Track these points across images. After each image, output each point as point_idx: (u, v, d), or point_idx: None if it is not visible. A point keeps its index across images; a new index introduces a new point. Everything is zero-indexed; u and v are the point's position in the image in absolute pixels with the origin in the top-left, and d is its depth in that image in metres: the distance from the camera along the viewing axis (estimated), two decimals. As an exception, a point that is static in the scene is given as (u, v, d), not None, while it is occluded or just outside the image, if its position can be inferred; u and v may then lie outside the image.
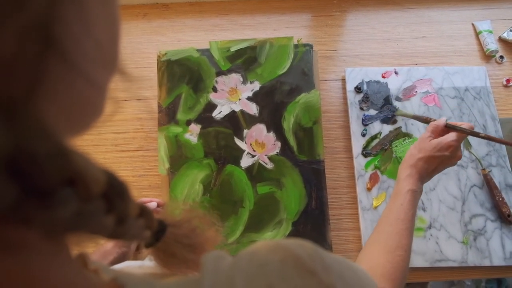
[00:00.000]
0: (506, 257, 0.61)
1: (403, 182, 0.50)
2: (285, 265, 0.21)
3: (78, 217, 0.15)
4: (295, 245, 0.22)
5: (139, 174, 0.68)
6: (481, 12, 0.80)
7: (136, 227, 0.22)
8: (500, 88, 0.74)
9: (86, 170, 0.15)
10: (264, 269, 0.20)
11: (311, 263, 0.21)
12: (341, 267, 0.23)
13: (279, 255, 0.21)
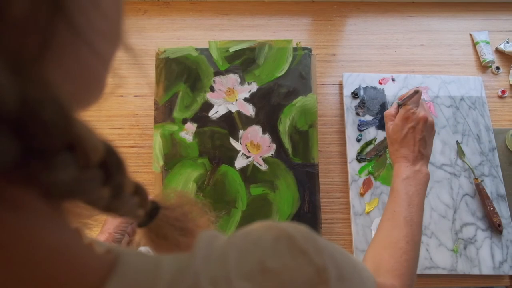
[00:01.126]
0: (495, 267, 0.61)
1: (394, 178, 0.50)
2: (278, 243, 0.21)
3: (76, 184, 0.16)
4: (290, 226, 0.23)
5: (132, 171, 0.68)
6: (479, 22, 0.81)
7: (131, 203, 0.23)
8: (495, 98, 0.74)
9: (87, 137, 0.15)
10: (257, 245, 0.21)
11: (303, 243, 0.21)
12: (334, 251, 0.23)
13: (273, 233, 0.22)
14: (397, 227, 0.45)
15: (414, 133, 0.51)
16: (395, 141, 0.52)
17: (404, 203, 0.46)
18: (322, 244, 0.22)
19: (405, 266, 0.42)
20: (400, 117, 0.52)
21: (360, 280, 0.25)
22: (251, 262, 0.20)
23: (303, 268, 0.20)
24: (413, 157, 0.50)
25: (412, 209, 0.46)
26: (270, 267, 0.20)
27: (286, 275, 0.20)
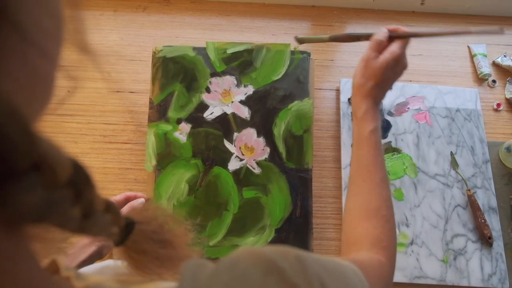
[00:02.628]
0: (484, 279, 0.61)
1: (363, 123, 0.44)
2: (267, 279, 0.20)
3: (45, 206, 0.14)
4: (278, 255, 0.22)
5: (125, 167, 0.67)
6: (477, 35, 0.81)
7: (103, 221, 0.22)
8: (490, 111, 0.75)
9: (52, 154, 0.14)
10: (244, 281, 0.20)
11: (294, 276, 0.20)
12: (325, 274, 0.23)
13: (262, 267, 0.20)
14: (375, 190, 0.40)
15: (394, 78, 0.46)
16: (373, 76, 0.45)
17: (379, 159, 0.42)
18: (311, 271, 0.21)
19: (390, 235, 0.39)
20: (394, 57, 0.45)
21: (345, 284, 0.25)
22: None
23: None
24: (379, 98, 0.46)
25: (384, 165, 0.42)
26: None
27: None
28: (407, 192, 0.66)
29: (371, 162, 0.42)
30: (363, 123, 0.45)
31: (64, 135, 0.68)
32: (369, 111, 0.45)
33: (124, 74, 0.74)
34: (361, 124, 0.45)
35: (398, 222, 0.64)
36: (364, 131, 0.44)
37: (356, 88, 0.47)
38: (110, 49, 0.76)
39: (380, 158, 0.42)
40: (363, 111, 0.45)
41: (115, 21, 0.78)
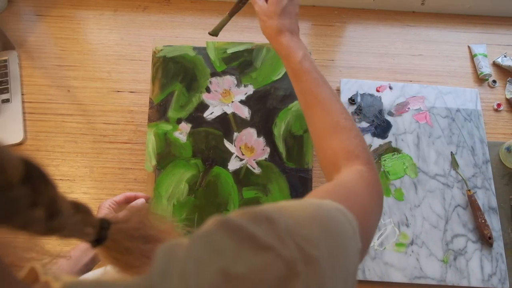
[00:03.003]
0: (484, 279, 0.61)
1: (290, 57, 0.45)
2: (241, 248, 0.20)
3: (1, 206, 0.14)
4: (248, 220, 0.21)
5: (125, 167, 0.67)
6: (478, 35, 0.81)
7: (73, 222, 0.22)
8: (490, 111, 0.75)
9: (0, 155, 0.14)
10: (218, 253, 0.20)
11: (266, 239, 0.20)
12: (300, 228, 0.22)
13: (234, 238, 0.20)
14: (328, 110, 0.41)
15: (293, 6, 0.47)
16: (273, 14, 0.47)
17: (321, 82, 0.43)
18: (284, 229, 0.21)
19: (357, 142, 0.39)
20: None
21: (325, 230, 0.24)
22: (212, 272, 0.19)
23: (272, 265, 0.19)
24: (295, 30, 0.47)
25: (327, 84, 0.43)
26: (235, 274, 0.19)
27: (255, 278, 0.19)
28: (407, 192, 0.66)
29: (313, 87, 0.43)
30: (290, 57, 0.45)
31: (64, 135, 0.68)
32: (290, 44, 0.45)
33: (124, 74, 0.74)
34: (289, 59, 0.45)
35: (398, 222, 0.64)
36: (294, 64, 0.45)
37: (267, 35, 0.49)
38: (110, 49, 0.76)
39: (318, 79, 0.43)
40: (284, 47, 0.46)
41: (115, 21, 0.78)
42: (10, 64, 0.72)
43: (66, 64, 0.74)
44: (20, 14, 0.78)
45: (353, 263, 0.25)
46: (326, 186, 0.33)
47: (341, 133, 0.40)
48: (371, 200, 0.34)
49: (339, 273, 0.23)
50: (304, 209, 0.25)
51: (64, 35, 0.76)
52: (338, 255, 0.23)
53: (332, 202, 0.28)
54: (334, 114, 0.41)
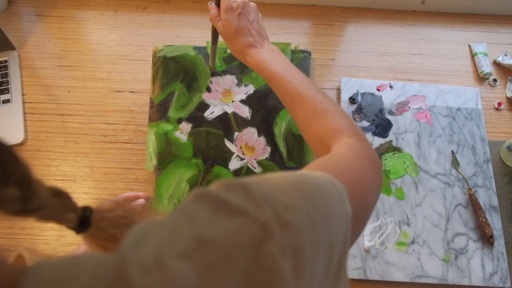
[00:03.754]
0: (486, 278, 0.61)
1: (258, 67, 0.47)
2: (216, 216, 0.20)
3: None
4: (224, 189, 0.22)
5: (126, 167, 0.67)
6: (478, 34, 0.81)
7: (51, 205, 0.23)
8: (491, 110, 0.75)
9: None
10: (192, 221, 0.20)
11: (240, 204, 0.20)
12: (279, 194, 0.22)
13: (210, 207, 0.21)
14: (302, 100, 0.42)
15: (245, 19, 0.49)
16: (231, 36, 0.49)
17: (290, 78, 0.44)
18: (259, 195, 0.21)
19: (338, 119, 0.40)
20: (224, 11, 0.50)
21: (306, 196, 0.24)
22: (187, 238, 0.19)
23: (246, 228, 0.19)
24: (256, 41, 0.49)
25: (298, 77, 0.45)
26: (209, 238, 0.18)
27: (228, 241, 0.19)
28: (408, 191, 0.66)
29: (284, 86, 0.44)
30: (259, 70, 0.48)
31: (65, 135, 0.68)
32: (256, 57, 0.48)
33: (124, 74, 0.74)
34: (259, 71, 0.48)
35: (399, 221, 0.64)
36: (264, 74, 0.47)
37: (235, 55, 0.52)
38: (111, 49, 0.76)
39: (287, 76, 0.44)
40: (251, 63, 0.48)
41: (116, 20, 0.78)
42: (10, 64, 0.72)
43: (66, 64, 0.74)
44: (20, 15, 0.78)
45: (341, 229, 0.25)
46: (315, 161, 0.34)
47: (319, 116, 0.41)
48: (362, 168, 0.34)
49: (321, 239, 0.22)
50: (285, 179, 0.25)
51: (64, 35, 0.76)
52: (319, 220, 0.23)
53: (319, 172, 0.28)
54: (308, 102, 0.42)
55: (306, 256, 0.20)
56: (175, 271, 0.17)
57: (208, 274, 0.17)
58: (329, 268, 0.23)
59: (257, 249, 0.19)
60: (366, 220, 0.32)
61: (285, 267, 0.19)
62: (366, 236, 0.63)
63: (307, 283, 0.20)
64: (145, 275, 0.16)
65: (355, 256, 0.62)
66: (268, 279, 0.18)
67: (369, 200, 0.32)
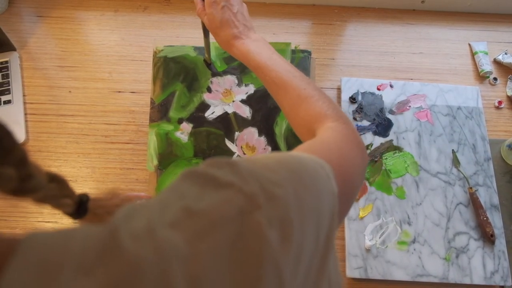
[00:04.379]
0: (487, 277, 0.61)
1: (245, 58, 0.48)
2: (204, 191, 0.21)
3: None
4: (211, 166, 0.22)
5: (127, 167, 0.67)
6: (478, 33, 0.81)
7: (48, 189, 0.24)
8: (491, 109, 0.75)
9: None
10: (182, 196, 0.21)
11: (227, 178, 0.21)
12: (261, 170, 0.23)
13: (198, 184, 0.21)
14: (287, 88, 0.43)
15: (229, 11, 0.49)
16: (217, 29, 0.50)
17: (275, 67, 0.45)
18: (245, 170, 0.22)
19: (321, 104, 0.40)
20: (208, 4, 0.50)
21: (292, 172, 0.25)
22: (176, 210, 0.19)
23: (232, 199, 0.20)
24: (241, 32, 0.49)
25: (283, 66, 0.45)
26: (197, 209, 0.19)
27: (216, 211, 0.19)
28: (408, 191, 0.66)
29: (269, 75, 0.45)
30: (245, 61, 0.48)
31: (66, 136, 0.69)
32: (241, 48, 0.48)
33: (125, 74, 0.74)
34: (245, 62, 0.48)
35: (400, 220, 0.64)
36: (250, 65, 0.47)
37: (223, 48, 0.52)
38: (111, 49, 0.76)
39: (271, 65, 0.45)
40: (237, 55, 0.49)
41: (116, 21, 0.78)
42: (11, 65, 0.72)
43: (67, 65, 0.74)
44: (21, 16, 0.78)
45: (327, 204, 0.25)
46: (301, 145, 0.34)
47: (303, 103, 0.41)
48: (347, 150, 0.35)
49: (308, 211, 0.23)
50: (272, 157, 0.26)
51: (65, 36, 0.76)
52: (305, 194, 0.23)
53: (305, 153, 0.29)
54: (292, 90, 0.43)
55: (293, 226, 0.21)
56: (165, 238, 0.17)
57: (196, 242, 0.18)
58: (317, 240, 0.23)
59: (244, 218, 0.19)
60: (352, 199, 0.33)
61: (272, 235, 0.19)
62: (367, 236, 0.63)
63: (295, 252, 0.20)
64: (136, 242, 0.17)
65: (356, 255, 0.62)
66: (255, 247, 0.19)
67: (354, 179, 0.33)
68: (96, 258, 0.16)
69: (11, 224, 0.63)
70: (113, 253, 0.16)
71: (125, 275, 0.15)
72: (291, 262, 0.20)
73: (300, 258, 0.21)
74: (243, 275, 0.18)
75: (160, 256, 0.16)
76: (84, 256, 0.16)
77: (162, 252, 0.17)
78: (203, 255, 0.17)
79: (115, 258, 0.16)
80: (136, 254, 0.16)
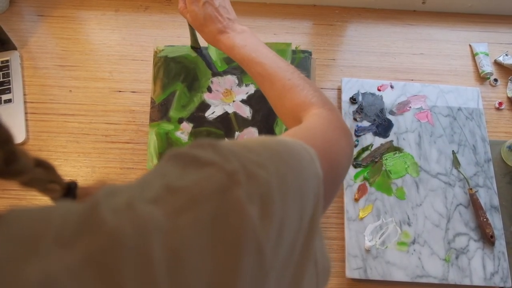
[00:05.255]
0: (486, 278, 0.61)
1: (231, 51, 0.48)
2: (185, 169, 0.21)
3: None
4: (194, 148, 0.22)
5: (127, 167, 0.67)
6: (479, 34, 0.81)
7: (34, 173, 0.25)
8: (492, 110, 0.75)
9: None
10: (164, 176, 0.21)
11: (209, 157, 0.21)
12: (243, 150, 0.23)
13: (181, 164, 0.21)
14: (272, 78, 0.43)
15: (210, 7, 0.49)
16: (202, 26, 0.50)
17: (260, 59, 0.45)
18: (227, 150, 0.22)
19: (305, 92, 0.41)
20: (189, 2, 0.50)
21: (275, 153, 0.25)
22: (157, 188, 0.19)
23: (213, 176, 0.20)
24: (226, 26, 0.49)
25: (268, 57, 0.45)
26: (178, 186, 0.19)
27: (196, 188, 0.19)
28: (408, 191, 0.66)
29: (255, 67, 0.45)
30: (231, 54, 0.48)
31: (66, 135, 0.69)
32: (226, 43, 0.49)
33: (125, 74, 0.74)
34: (231, 55, 0.49)
35: (400, 221, 0.64)
36: (236, 57, 0.48)
37: (211, 43, 0.52)
38: (112, 49, 0.76)
39: (256, 57, 0.45)
40: (224, 48, 0.49)
41: (117, 21, 0.78)
42: (12, 64, 0.72)
43: (67, 64, 0.74)
44: (22, 15, 0.78)
45: (312, 185, 0.25)
46: (286, 132, 0.35)
47: (289, 92, 0.42)
48: (332, 135, 0.35)
49: (291, 189, 0.23)
50: (256, 140, 0.26)
51: (66, 35, 0.76)
52: (288, 173, 0.24)
53: (289, 137, 0.29)
54: (278, 80, 0.43)
55: (274, 203, 0.21)
56: (145, 212, 0.17)
57: (176, 217, 0.18)
58: (301, 221, 0.23)
59: (224, 194, 0.19)
60: (339, 183, 0.33)
61: (252, 211, 0.19)
62: (367, 236, 0.63)
63: (276, 229, 0.21)
64: (116, 215, 0.17)
65: (356, 256, 0.62)
66: (235, 222, 0.19)
67: (340, 164, 0.33)
68: (75, 231, 0.16)
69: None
70: (92, 226, 0.16)
71: (103, 247, 0.16)
72: (272, 238, 0.20)
73: (282, 235, 0.21)
74: (223, 249, 0.18)
75: (139, 229, 0.16)
76: (63, 228, 0.16)
77: (142, 225, 0.17)
78: (183, 229, 0.17)
79: (94, 231, 0.16)
80: (115, 227, 0.16)
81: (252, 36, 0.49)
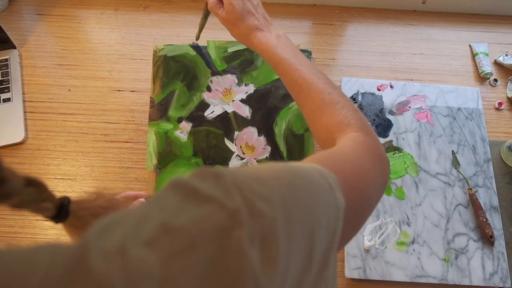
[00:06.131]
0: (486, 278, 0.61)
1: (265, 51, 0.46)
2: (185, 203, 0.20)
3: None
4: (196, 178, 0.21)
5: (126, 166, 0.67)
6: (479, 34, 0.81)
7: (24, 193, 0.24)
8: (492, 110, 0.74)
9: None
10: (159, 209, 0.20)
11: (210, 192, 0.20)
12: (249, 181, 0.22)
13: (181, 195, 0.20)
14: (310, 90, 0.41)
15: (249, 3, 0.47)
16: (236, 20, 0.47)
17: (298, 66, 0.43)
18: (229, 182, 0.21)
19: (345, 112, 0.39)
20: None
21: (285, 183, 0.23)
22: (152, 226, 0.18)
23: (214, 215, 0.19)
24: (263, 25, 0.48)
25: (307, 66, 0.43)
26: (175, 226, 0.18)
27: (195, 229, 0.18)
28: (408, 191, 0.66)
29: (292, 74, 0.43)
30: (264, 53, 0.46)
31: (65, 134, 0.68)
32: (262, 40, 0.46)
33: (125, 73, 0.74)
34: (264, 55, 0.46)
35: (400, 221, 0.64)
36: (270, 58, 0.45)
37: (239, 40, 0.50)
38: (111, 48, 0.76)
39: (295, 64, 0.43)
40: (257, 46, 0.47)
41: (116, 20, 0.78)
42: (11, 63, 0.72)
43: (67, 63, 0.74)
44: (21, 14, 0.78)
45: (326, 217, 0.24)
46: (315, 154, 0.34)
47: (327, 108, 0.40)
48: (364, 162, 0.33)
49: (298, 225, 0.22)
50: (266, 168, 0.25)
51: (65, 34, 0.76)
52: (296, 206, 0.22)
53: (310, 163, 0.28)
54: (316, 93, 0.41)
55: (278, 245, 0.20)
56: (138, 259, 0.16)
57: (171, 262, 0.17)
58: (311, 256, 0.22)
59: (224, 236, 0.18)
60: (365, 215, 0.31)
61: (253, 256, 0.18)
62: (366, 236, 0.63)
63: (280, 273, 0.19)
64: (106, 263, 0.16)
65: (355, 256, 0.61)
66: (235, 267, 0.18)
67: (369, 194, 0.31)
68: (61, 276, 0.15)
69: (9, 222, 0.62)
70: (81, 273, 0.15)
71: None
72: (276, 282, 0.19)
73: (286, 276, 0.20)
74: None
75: (131, 277, 0.15)
76: (49, 274, 0.15)
77: (134, 273, 0.15)
78: (179, 276, 0.16)
79: (83, 279, 0.15)
80: (105, 275, 0.15)
81: (289, 42, 0.47)
